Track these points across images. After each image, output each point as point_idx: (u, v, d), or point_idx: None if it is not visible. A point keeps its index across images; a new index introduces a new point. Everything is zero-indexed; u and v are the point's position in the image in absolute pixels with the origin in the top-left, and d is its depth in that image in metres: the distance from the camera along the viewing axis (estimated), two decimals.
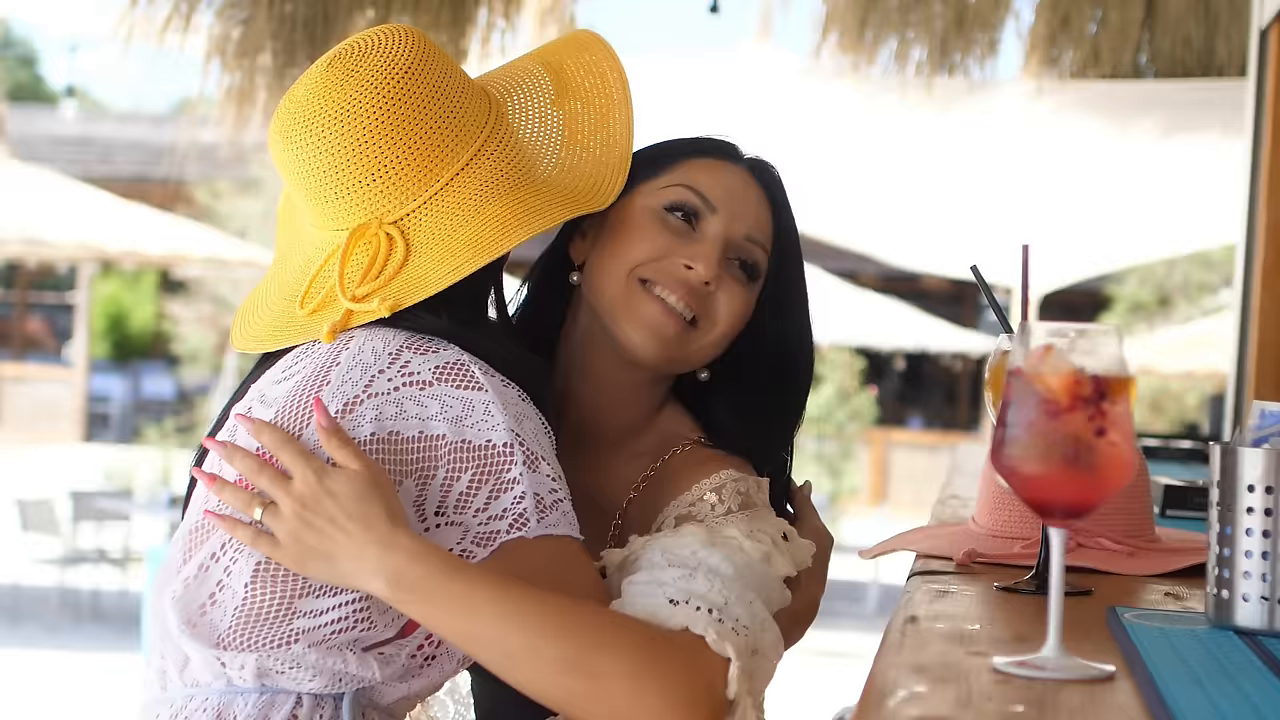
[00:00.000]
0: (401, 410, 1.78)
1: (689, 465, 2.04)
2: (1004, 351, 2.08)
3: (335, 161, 1.89)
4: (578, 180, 1.97)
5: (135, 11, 5.60)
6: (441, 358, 1.82)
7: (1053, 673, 1.43)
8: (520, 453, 1.78)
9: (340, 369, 1.83)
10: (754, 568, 1.82)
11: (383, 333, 1.86)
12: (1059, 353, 1.44)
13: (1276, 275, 4.46)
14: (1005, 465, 1.46)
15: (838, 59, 6.71)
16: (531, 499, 1.77)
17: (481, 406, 1.79)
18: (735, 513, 1.95)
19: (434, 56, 1.93)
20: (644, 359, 2.02)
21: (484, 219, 1.88)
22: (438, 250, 1.87)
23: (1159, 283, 21.83)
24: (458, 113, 1.91)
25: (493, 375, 1.83)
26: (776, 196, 2.10)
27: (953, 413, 24.96)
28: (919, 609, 1.80)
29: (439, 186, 1.89)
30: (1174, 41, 6.42)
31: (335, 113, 1.88)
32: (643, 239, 2.02)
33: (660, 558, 1.81)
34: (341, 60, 1.92)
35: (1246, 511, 1.63)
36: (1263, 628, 1.62)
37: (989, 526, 2.34)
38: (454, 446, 1.77)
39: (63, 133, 27.61)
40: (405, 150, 1.88)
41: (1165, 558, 2.19)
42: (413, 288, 1.86)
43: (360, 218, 1.91)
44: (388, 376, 1.80)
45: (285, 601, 1.77)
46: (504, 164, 1.93)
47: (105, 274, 27.44)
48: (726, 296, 2.02)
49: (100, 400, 26.13)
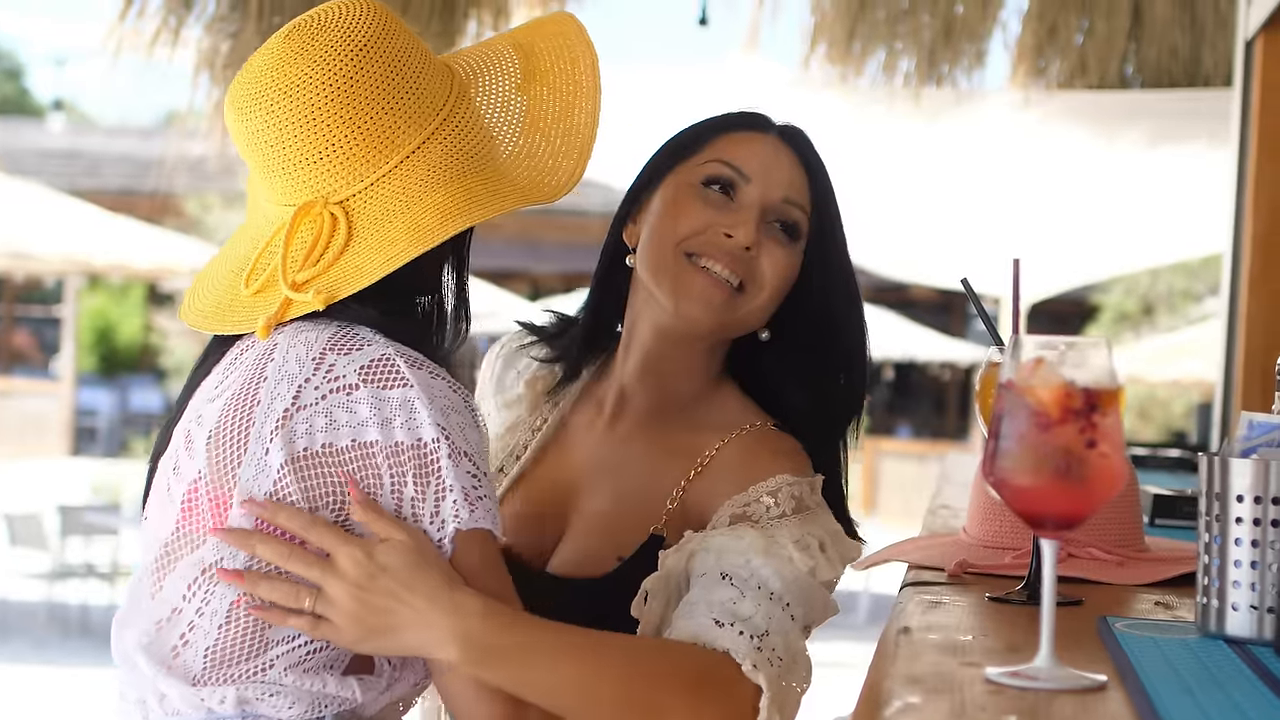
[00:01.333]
0: (332, 420, 1.76)
1: (749, 457, 2.10)
2: (993, 363, 2.10)
3: (283, 136, 1.85)
4: (532, 169, 1.92)
5: (124, 25, 5.60)
6: (366, 355, 1.79)
7: (1045, 683, 1.44)
8: (445, 446, 1.75)
9: (268, 384, 1.80)
10: (800, 581, 1.94)
11: (307, 332, 1.82)
12: (1049, 366, 1.45)
13: (1263, 284, 4.47)
14: (997, 477, 1.47)
15: (826, 70, 6.72)
16: (459, 492, 1.75)
17: (407, 404, 1.76)
18: (789, 516, 2.02)
19: (393, 33, 1.88)
20: (698, 327, 2.11)
21: (425, 206, 1.83)
22: (376, 237, 1.82)
23: (1144, 292, 21.87)
24: (413, 94, 1.86)
25: (420, 368, 1.79)
26: (810, 159, 2.17)
27: (941, 422, 24.98)
28: (912, 620, 1.81)
29: (388, 169, 1.85)
30: (1160, 52, 6.44)
31: (286, 87, 1.84)
32: (684, 215, 2.11)
33: (715, 564, 1.92)
34: (299, 32, 1.87)
35: (1236, 521, 1.64)
36: (1253, 637, 1.63)
37: (980, 537, 2.35)
38: (389, 451, 1.75)
39: (50, 146, 27.59)
40: (355, 129, 1.83)
41: (1155, 567, 2.20)
42: (349, 277, 1.82)
43: (307, 195, 1.86)
44: (314, 385, 1.77)
45: (259, 634, 1.76)
46: (456, 149, 1.88)
47: (92, 287, 27.41)
48: (769, 259, 2.11)
49: (88, 414, 26.08)
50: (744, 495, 2.03)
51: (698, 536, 2.00)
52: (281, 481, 1.75)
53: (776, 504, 2.02)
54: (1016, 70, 6.66)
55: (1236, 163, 4.66)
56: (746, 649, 1.84)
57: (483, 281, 21.42)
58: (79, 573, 12.21)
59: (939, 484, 3.66)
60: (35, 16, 18.47)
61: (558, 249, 25.17)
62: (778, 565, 1.94)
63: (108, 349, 28.74)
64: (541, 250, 25.29)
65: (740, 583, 1.91)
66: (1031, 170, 7.46)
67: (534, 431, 2.25)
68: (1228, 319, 4.66)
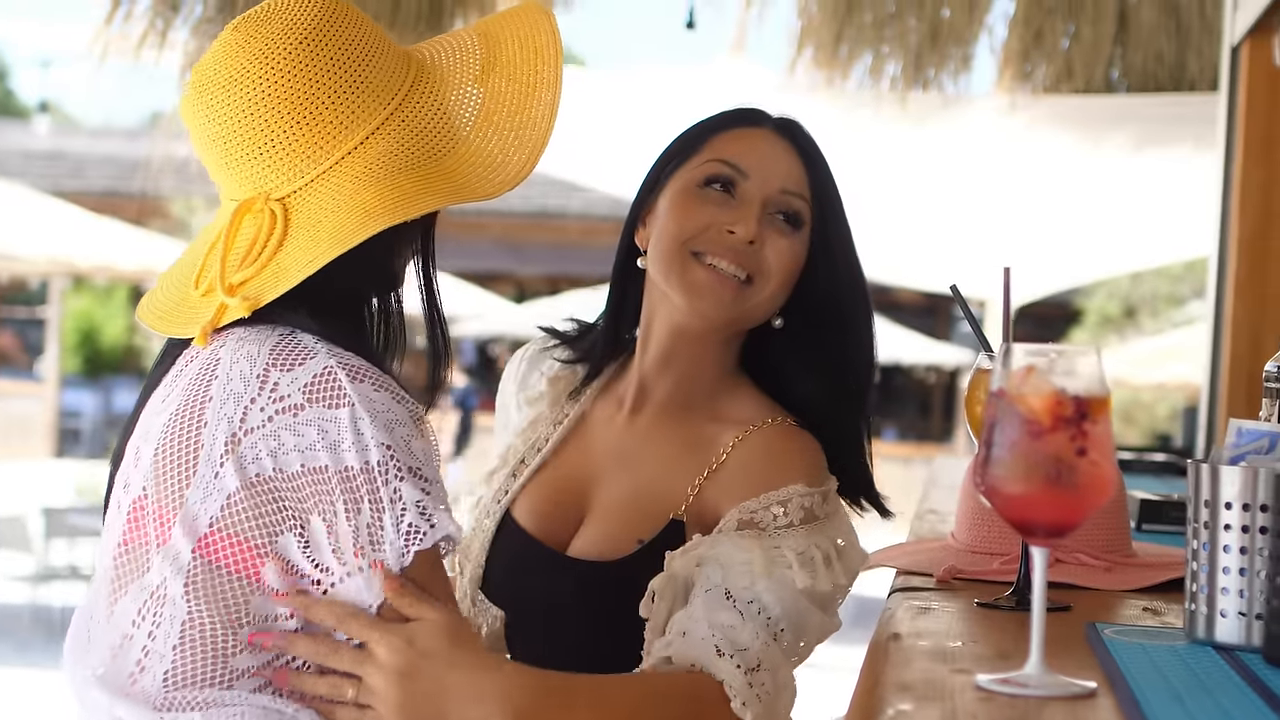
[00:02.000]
0: (280, 444, 1.72)
1: (767, 457, 2.14)
2: (982, 370, 2.10)
3: (224, 131, 1.81)
4: (479, 164, 1.86)
5: (110, 28, 5.59)
6: (309, 370, 1.75)
7: (1035, 690, 1.45)
8: (393, 465, 1.72)
9: (214, 405, 1.76)
10: (799, 605, 2.00)
11: (249, 345, 1.78)
12: (1040, 374, 1.46)
13: (1249, 288, 4.49)
14: (988, 485, 1.48)
15: (812, 74, 6.73)
16: (415, 509, 1.73)
17: (352, 424, 1.72)
18: (796, 527, 2.06)
19: (340, 24, 1.82)
20: (711, 322, 2.16)
21: (354, 205, 1.78)
22: (307, 237, 1.78)
23: (1127, 295, 21.92)
24: (358, 87, 1.81)
25: (362, 381, 1.74)
26: (806, 149, 2.21)
27: (926, 424, 25.00)
28: (901, 626, 1.81)
29: (329, 164, 1.80)
30: (1146, 57, 6.46)
31: (226, 81, 1.80)
32: (686, 215, 2.16)
33: (721, 580, 1.98)
34: (245, 24, 1.83)
35: (1224, 529, 1.65)
36: (1241, 643, 1.64)
37: (968, 542, 2.36)
38: (341, 476, 1.71)
39: (34, 147, 27.53)
40: (294, 124, 1.79)
41: (1143, 573, 2.21)
42: (274, 280, 1.78)
43: (250, 191, 1.82)
44: (260, 406, 1.74)
45: (218, 655, 1.72)
46: (399, 145, 1.82)
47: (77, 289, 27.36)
48: (773, 250, 2.16)
49: (72, 415, 26.01)
50: (756, 502, 2.08)
51: (706, 542, 2.05)
52: (232, 508, 1.72)
53: (786, 514, 2.06)
54: (1003, 74, 6.67)
55: (1222, 167, 4.67)
56: (740, 684, 1.92)
57: (468, 284, 21.43)
58: (63, 575, 12.17)
59: (926, 488, 3.67)
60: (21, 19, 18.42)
61: (542, 251, 25.16)
62: (779, 590, 1.99)
63: (92, 351, 28.68)
64: (526, 252, 25.28)
65: (742, 605, 1.97)
66: (1018, 174, 7.48)
67: (555, 425, 2.30)
68: (1213, 323, 4.67)
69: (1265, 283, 4.47)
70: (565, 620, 2.13)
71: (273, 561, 1.72)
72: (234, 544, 1.72)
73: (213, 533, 1.73)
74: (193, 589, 1.72)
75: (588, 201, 23.71)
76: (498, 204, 20.06)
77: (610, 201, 20.59)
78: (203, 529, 1.73)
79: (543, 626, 2.15)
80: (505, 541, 2.22)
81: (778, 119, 2.24)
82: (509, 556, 2.20)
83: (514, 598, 2.18)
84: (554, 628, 2.13)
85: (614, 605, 2.06)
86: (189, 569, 1.73)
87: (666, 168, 2.23)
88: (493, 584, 2.20)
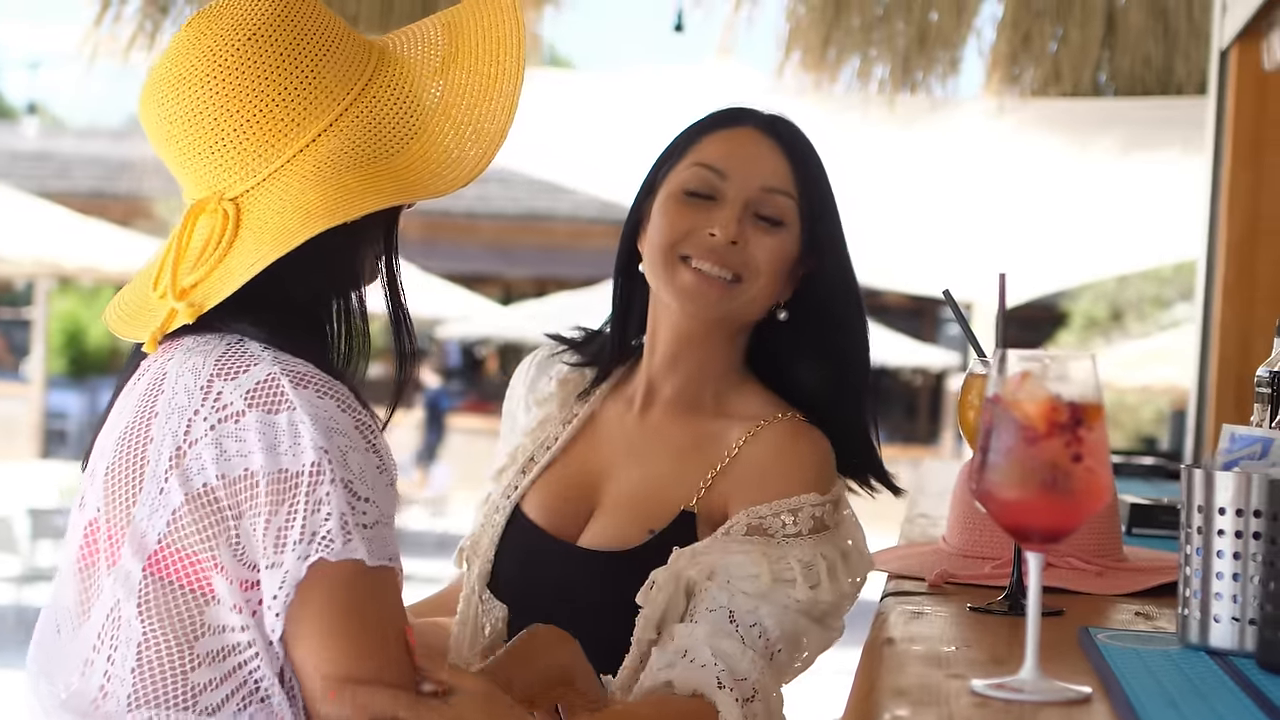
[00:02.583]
0: (223, 451, 1.68)
1: (779, 457, 2.18)
2: (974, 374, 2.11)
3: (175, 131, 1.78)
4: (433, 160, 1.81)
5: (100, 30, 5.59)
6: (252, 377, 1.71)
7: (1030, 695, 1.45)
8: (328, 470, 1.67)
9: (159, 420, 1.73)
10: (798, 623, 2.06)
11: (195, 357, 1.75)
12: (1035, 380, 1.46)
13: (1237, 292, 4.50)
14: (983, 491, 1.48)
15: (800, 77, 6.74)
16: (337, 519, 1.66)
17: (291, 428, 1.68)
18: (804, 536, 2.10)
19: (292, 18, 1.78)
20: (702, 323, 2.21)
21: (298, 206, 1.74)
22: (254, 239, 1.75)
23: (1113, 298, 21.96)
24: (310, 84, 1.76)
25: (306, 386, 1.70)
26: (791, 145, 2.23)
27: (912, 427, 25.01)
28: (895, 631, 1.82)
29: (280, 163, 1.76)
30: (1134, 60, 6.47)
31: (175, 80, 1.77)
32: (670, 221, 2.20)
33: (726, 601, 2.04)
34: (198, 20, 1.79)
35: (1218, 534, 1.65)
36: (1234, 648, 1.65)
37: (960, 546, 2.36)
38: (273, 478, 1.67)
39: (19, 148, 27.47)
40: (244, 123, 1.75)
41: (1134, 577, 2.22)
42: (221, 283, 1.74)
43: (205, 190, 1.79)
44: (203, 416, 1.70)
45: (179, 674, 1.69)
46: (351, 142, 1.77)
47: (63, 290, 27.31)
48: (758, 247, 2.19)
49: (57, 417, 25.96)
50: (767, 508, 2.11)
51: (716, 547, 2.08)
52: (178, 522, 1.69)
53: (795, 523, 2.10)
54: (991, 78, 6.68)
55: (1211, 170, 4.68)
56: (735, 716, 1.99)
57: (454, 285, 21.40)
58: (49, 576, 12.14)
59: (915, 493, 3.67)
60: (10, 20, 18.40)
61: (530, 253, 25.16)
62: (780, 612, 2.05)
63: (78, 352, 28.62)
64: (514, 254, 25.28)
65: (744, 630, 2.03)
66: (1005, 177, 7.49)
67: (564, 424, 2.33)
68: (1201, 327, 4.68)
69: (1253, 286, 4.48)
70: (574, 611, 2.14)
71: (220, 572, 1.68)
72: (183, 558, 1.69)
73: (162, 549, 1.69)
74: (145, 608, 1.70)
75: (575, 204, 23.72)
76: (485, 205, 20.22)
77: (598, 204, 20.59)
78: (151, 546, 1.70)
79: (551, 619, 2.16)
80: (515, 536, 2.24)
81: (764, 117, 2.25)
82: (519, 550, 2.22)
83: (523, 591, 2.20)
84: (563, 619, 2.14)
85: (624, 595, 2.10)
86: (140, 588, 1.70)
87: (659, 173, 2.27)
88: (501, 578, 2.22)
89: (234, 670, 1.70)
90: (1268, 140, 4.48)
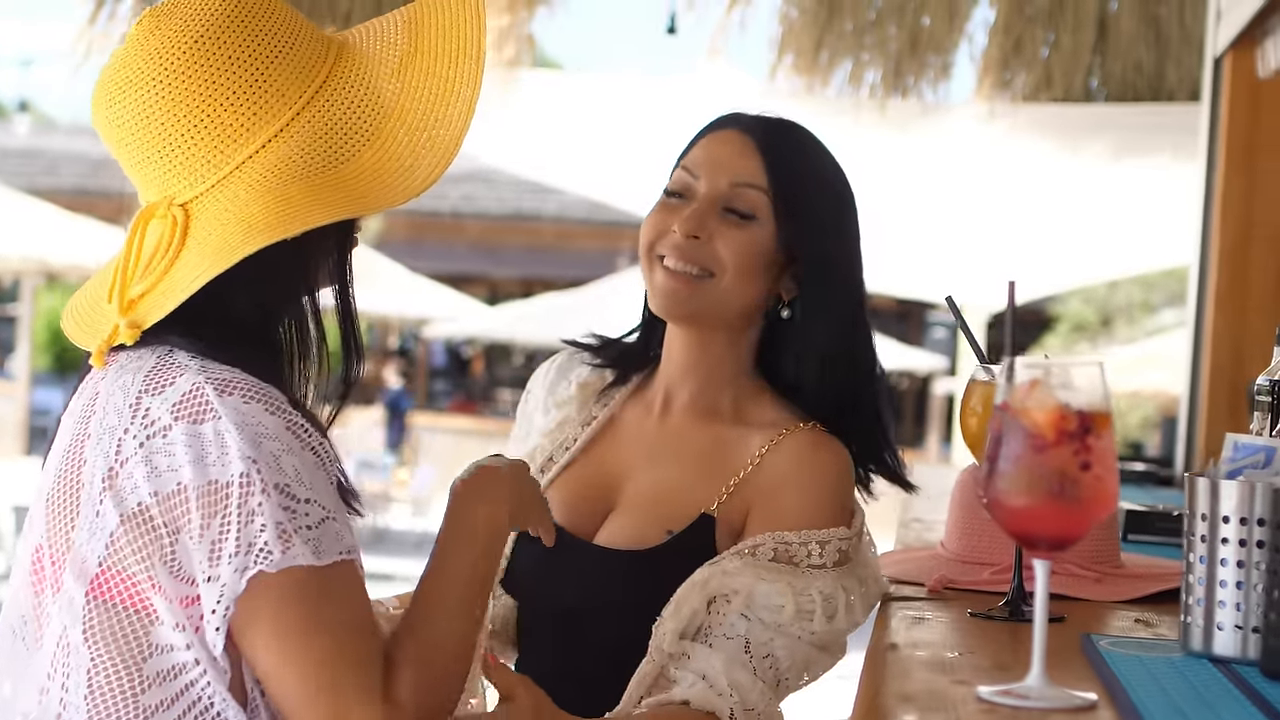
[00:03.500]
0: (154, 468, 1.64)
1: (797, 469, 2.17)
2: (976, 381, 2.11)
3: (123, 135, 1.74)
4: (383, 170, 1.74)
5: (94, 28, 5.58)
6: (178, 389, 1.67)
7: (1037, 702, 1.46)
8: (258, 480, 1.62)
9: (92, 441, 1.71)
10: (810, 654, 2.08)
11: (126, 372, 1.72)
12: (1044, 388, 1.47)
13: (1230, 299, 4.51)
14: (991, 498, 1.48)
15: (792, 80, 6.75)
16: (273, 529, 1.62)
17: (217, 438, 1.63)
18: (828, 568, 2.10)
19: (246, 17, 1.72)
20: (677, 320, 2.22)
21: (241, 218, 1.68)
22: (196, 250, 1.70)
23: (1101, 303, 22.00)
24: (260, 87, 1.70)
25: (231, 393, 1.65)
26: (769, 142, 2.22)
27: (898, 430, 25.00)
28: (898, 636, 1.82)
29: (230, 169, 1.70)
30: (1125, 66, 6.49)
31: (123, 82, 1.72)
32: (649, 223, 2.23)
33: (745, 630, 2.05)
34: (149, 18, 1.74)
35: (1222, 542, 1.66)
36: (1238, 656, 1.65)
37: (958, 551, 2.37)
38: (202, 490, 1.63)
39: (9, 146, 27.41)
40: (191, 127, 1.69)
41: (1133, 584, 2.22)
42: (164, 296, 1.70)
43: (155, 193, 1.75)
44: (132, 434, 1.66)
45: (130, 699, 1.67)
46: (300, 150, 1.71)
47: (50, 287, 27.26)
48: (723, 241, 2.18)
49: (42, 414, 25.90)
50: (796, 536, 2.10)
51: (747, 570, 2.07)
52: (115, 544, 1.66)
53: (822, 555, 2.10)
54: (982, 82, 6.70)
55: (1204, 178, 4.69)
56: None
57: (441, 285, 21.40)
58: None
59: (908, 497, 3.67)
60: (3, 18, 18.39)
61: (517, 253, 25.15)
62: (793, 645, 2.06)
63: (62, 349, 28.56)
64: (500, 255, 25.27)
65: (758, 662, 2.04)
66: (997, 182, 7.50)
67: (583, 426, 2.34)
68: (1194, 334, 4.69)
69: (1246, 293, 4.49)
70: (589, 609, 2.16)
71: (158, 592, 1.65)
72: (122, 580, 1.66)
73: (103, 572, 1.67)
74: (91, 634, 1.67)
75: (562, 204, 23.70)
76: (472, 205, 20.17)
77: (586, 204, 20.60)
78: (92, 570, 1.67)
79: (566, 617, 2.18)
80: None
81: (751, 119, 2.25)
82: (536, 548, 2.22)
83: (538, 587, 2.21)
84: (577, 618, 2.17)
85: (639, 594, 2.10)
86: (84, 614, 1.68)
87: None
88: (516, 574, 2.23)
89: (184, 690, 1.67)
90: (1261, 147, 4.49)
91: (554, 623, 2.19)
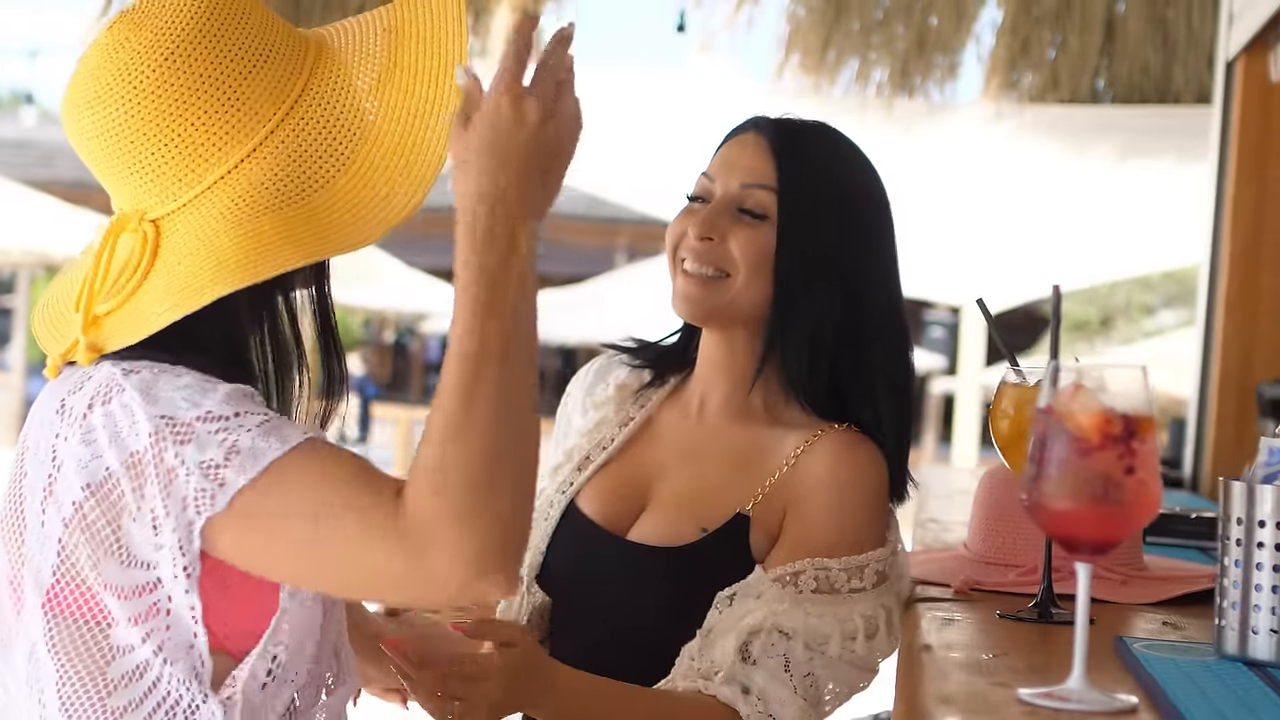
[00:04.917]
0: (80, 462, 1.60)
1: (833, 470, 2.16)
2: (1008, 383, 2.11)
3: (92, 148, 1.68)
4: (358, 200, 1.66)
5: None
6: (94, 384, 1.62)
7: (1078, 704, 1.46)
8: (168, 432, 1.56)
9: (30, 453, 1.68)
10: (849, 674, 2.10)
11: (58, 382, 1.69)
12: (1088, 392, 1.47)
13: (1240, 303, 4.51)
14: (1034, 501, 1.49)
15: (799, 79, 6.76)
16: (199, 473, 1.55)
17: (125, 409, 1.58)
18: (867, 590, 2.12)
19: (220, 28, 1.65)
20: (698, 321, 2.24)
21: (210, 251, 1.62)
22: (164, 279, 1.64)
23: (1101, 303, 22.02)
24: (233, 103, 1.64)
25: (137, 372, 1.61)
26: (781, 142, 2.22)
27: None
28: (929, 637, 1.82)
29: (199, 189, 1.64)
30: (1132, 68, 6.51)
31: (91, 98, 1.66)
32: (671, 229, 2.26)
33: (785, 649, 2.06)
34: (119, 25, 1.68)
35: (1258, 546, 1.67)
36: (1273, 660, 1.66)
37: (982, 552, 2.37)
38: (127, 463, 1.57)
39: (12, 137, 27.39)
40: (161, 145, 1.64)
41: (1160, 586, 2.23)
42: (124, 326, 1.65)
43: (128, 205, 1.68)
44: (63, 436, 1.62)
45: (96, 703, 1.63)
46: (272, 174, 1.64)
47: (48, 278, 27.24)
48: (737, 241, 2.20)
49: None
50: (836, 562, 2.11)
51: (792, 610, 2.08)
52: (65, 550, 1.62)
53: (861, 580, 2.12)
54: (989, 83, 6.71)
55: (1215, 182, 4.70)
56: None
57: (438, 280, 21.37)
58: None
59: (922, 497, 3.68)
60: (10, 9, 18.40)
61: None
62: (833, 667, 2.08)
63: None
64: None
65: (798, 680, 2.06)
66: (1002, 182, 7.51)
67: (621, 426, 2.35)
68: (1203, 338, 4.70)
69: (1256, 298, 4.50)
70: (621, 604, 2.17)
71: (109, 590, 1.61)
72: (74, 588, 1.62)
73: (56, 582, 1.63)
74: (53, 647, 1.64)
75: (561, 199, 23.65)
76: None
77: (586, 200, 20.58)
78: (47, 581, 1.63)
79: (598, 610, 2.19)
80: (568, 529, 2.26)
81: (769, 120, 2.25)
82: (571, 543, 2.24)
83: (573, 583, 2.22)
84: (609, 612, 2.18)
85: (672, 590, 2.12)
86: (45, 628, 1.65)
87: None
88: (552, 570, 2.24)
89: (151, 688, 1.64)
90: (1273, 151, 4.50)
91: (587, 617, 2.20)
